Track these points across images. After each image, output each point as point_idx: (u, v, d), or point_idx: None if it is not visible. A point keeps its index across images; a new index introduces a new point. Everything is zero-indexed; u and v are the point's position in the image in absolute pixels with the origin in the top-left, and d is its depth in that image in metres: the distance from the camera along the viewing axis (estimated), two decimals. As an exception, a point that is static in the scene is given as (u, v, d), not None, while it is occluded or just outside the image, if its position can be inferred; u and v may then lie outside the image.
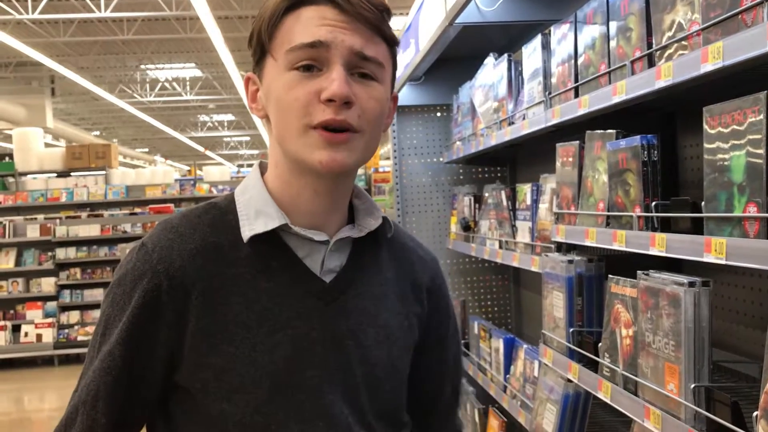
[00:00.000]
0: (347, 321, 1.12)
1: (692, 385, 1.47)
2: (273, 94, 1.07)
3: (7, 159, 11.89)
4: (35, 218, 10.12)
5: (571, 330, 2.09)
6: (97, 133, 25.71)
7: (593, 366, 1.96)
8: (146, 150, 31.84)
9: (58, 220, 9.84)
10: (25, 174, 11.43)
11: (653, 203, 1.68)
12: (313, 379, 1.07)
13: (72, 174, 11.43)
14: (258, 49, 1.10)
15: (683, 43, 1.51)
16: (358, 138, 1.06)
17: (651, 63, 1.66)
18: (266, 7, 1.10)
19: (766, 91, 1.28)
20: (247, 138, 30.99)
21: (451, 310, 1.30)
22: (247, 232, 1.09)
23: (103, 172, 11.34)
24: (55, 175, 11.53)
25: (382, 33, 1.08)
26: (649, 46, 1.67)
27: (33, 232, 9.65)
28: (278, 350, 1.06)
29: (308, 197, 1.10)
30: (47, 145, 15.30)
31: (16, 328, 9.36)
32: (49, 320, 9.40)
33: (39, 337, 9.26)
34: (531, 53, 2.49)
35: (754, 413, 1.28)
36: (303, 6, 1.06)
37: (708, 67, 1.36)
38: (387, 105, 1.12)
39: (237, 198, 1.14)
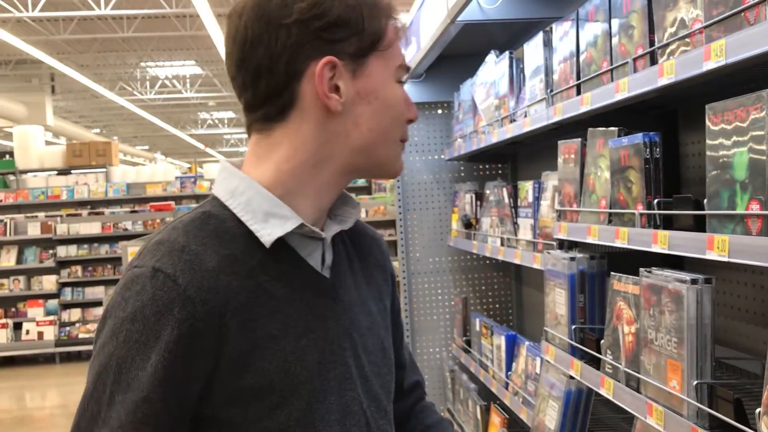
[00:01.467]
0: (349, 314, 1.12)
1: (695, 382, 1.47)
2: (380, 99, 1.07)
3: (7, 157, 11.91)
4: (36, 216, 10.15)
5: (574, 327, 2.09)
6: (98, 130, 25.71)
7: (595, 363, 1.96)
8: (146, 147, 31.83)
9: (59, 218, 9.86)
10: (25, 172, 11.46)
11: (655, 200, 1.69)
12: (336, 378, 1.07)
13: (72, 172, 11.47)
14: (367, 41, 1.05)
15: (686, 40, 1.52)
16: None
17: (653, 60, 1.66)
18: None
19: (768, 89, 1.28)
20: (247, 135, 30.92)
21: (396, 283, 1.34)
22: (267, 237, 1.02)
23: (104, 170, 11.37)
24: (56, 172, 11.56)
25: None
26: (652, 43, 1.67)
27: (34, 230, 9.67)
28: (307, 356, 1.03)
29: (331, 194, 1.10)
30: (47, 143, 15.29)
31: (17, 326, 9.39)
32: (51, 318, 9.42)
33: (40, 334, 9.27)
34: (533, 51, 2.49)
35: (757, 410, 1.29)
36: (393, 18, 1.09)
37: (710, 64, 1.37)
38: None
39: (227, 202, 1.05)
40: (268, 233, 1.02)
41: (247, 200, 1.04)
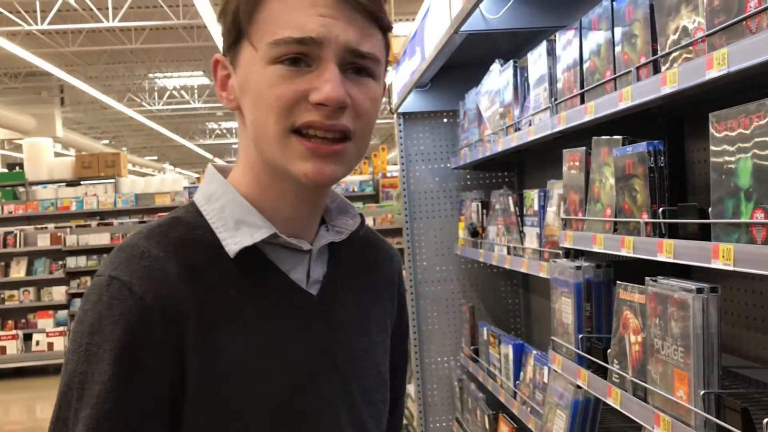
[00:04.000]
0: (338, 335, 1.02)
1: (702, 392, 1.47)
2: (251, 88, 0.93)
3: (17, 169, 12.00)
4: (46, 227, 10.21)
5: (580, 336, 2.09)
6: (107, 141, 25.86)
7: (602, 372, 1.95)
8: (155, 158, 31.99)
9: (68, 229, 9.92)
10: (35, 183, 11.54)
11: (660, 209, 1.68)
12: (312, 405, 0.97)
13: (82, 183, 11.54)
14: (233, 30, 0.95)
15: (688, 48, 1.52)
16: (351, 146, 0.94)
17: (656, 69, 1.66)
18: None
19: (771, 97, 1.28)
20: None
21: (407, 302, 1.25)
22: (233, 246, 0.94)
23: (113, 181, 11.43)
24: (65, 184, 11.63)
25: (378, 22, 0.95)
26: (654, 52, 1.67)
27: (44, 241, 9.74)
28: (275, 380, 0.95)
29: (290, 202, 0.98)
30: (57, 154, 15.41)
31: (27, 337, 9.44)
32: (60, 329, 9.46)
33: (50, 345, 9.31)
34: (536, 59, 2.49)
35: (765, 420, 1.28)
36: None
37: (713, 73, 1.36)
38: (381, 102, 0.99)
39: (203, 208, 0.99)
40: (234, 243, 0.95)
41: (221, 206, 0.98)
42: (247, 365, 0.93)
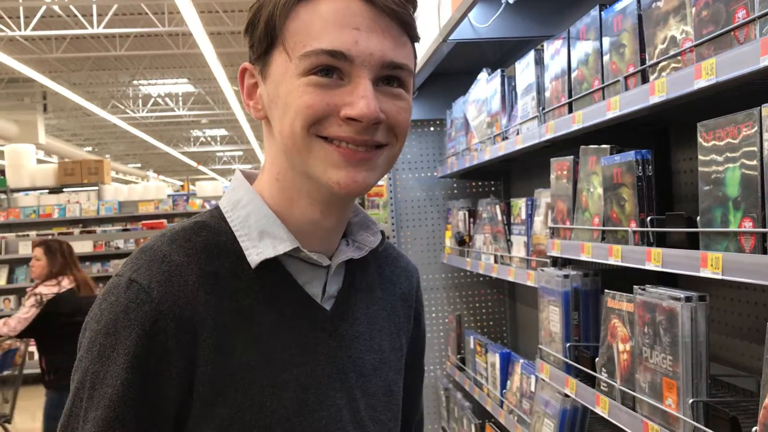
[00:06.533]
0: (348, 350, 1.01)
1: (690, 400, 1.47)
2: (281, 98, 0.91)
3: (-1, 176, 11.85)
4: (27, 235, 10.09)
5: (568, 345, 2.09)
6: (90, 148, 25.66)
7: (590, 381, 1.95)
8: (139, 165, 31.79)
9: (50, 237, 9.80)
10: (17, 191, 11.41)
11: (648, 218, 1.69)
12: (321, 420, 0.96)
13: (64, 190, 11.42)
14: (265, 39, 0.93)
15: (677, 58, 1.53)
16: (384, 153, 0.93)
17: (644, 78, 1.67)
18: None
19: (759, 107, 1.29)
20: (240, 153, 31.01)
21: (424, 319, 1.23)
22: (255, 257, 0.94)
23: (96, 188, 11.33)
24: (48, 191, 11.51)
25: (410, 31, 0.93)
26: (643, 61, 1.68)
27: (25, 249, 9.61)
28: (286, 392, 0.94)
29: (315, 216, 0.97)
30: (39, 161, 15.26)
31: (7, 346, 9.32)
32: (42, 337, 9.33)
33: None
34: (524, 69, 2.50)
35: (753, 428, 1.28)
36: None
37: (701, 83, 1.37)
38: (411, 111, 0.98)
39: (228, 215, 0.98)
40: (257, 253, 0.94)
41: (246, 215, 0.97)
42: (259, 375, 0.93)
